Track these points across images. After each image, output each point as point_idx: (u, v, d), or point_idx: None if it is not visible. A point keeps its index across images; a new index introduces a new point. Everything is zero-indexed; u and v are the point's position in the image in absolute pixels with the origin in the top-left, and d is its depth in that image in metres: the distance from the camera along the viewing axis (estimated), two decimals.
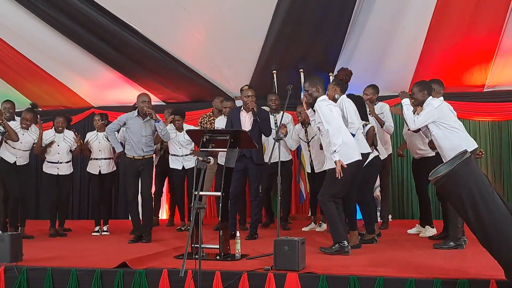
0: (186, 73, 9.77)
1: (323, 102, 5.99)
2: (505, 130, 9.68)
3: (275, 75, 9.63)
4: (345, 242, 5.86)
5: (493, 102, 9.56)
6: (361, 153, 6.21)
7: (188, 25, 8.75)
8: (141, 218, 7.49)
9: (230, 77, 9.89)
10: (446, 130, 6.07)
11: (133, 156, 7.34)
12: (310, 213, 8.72)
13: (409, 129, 6.81)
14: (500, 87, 9.49)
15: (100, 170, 8.42)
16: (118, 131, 7.70)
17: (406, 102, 6.29)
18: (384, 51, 9.07)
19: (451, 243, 6.14)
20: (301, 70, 9.56)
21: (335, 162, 5.76)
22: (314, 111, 6.16)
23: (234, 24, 8.62)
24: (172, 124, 8.62)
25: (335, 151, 5.73)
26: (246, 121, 7.33)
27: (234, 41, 8.97)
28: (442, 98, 6.50)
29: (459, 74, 9.37)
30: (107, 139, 8.18)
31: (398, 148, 8.66)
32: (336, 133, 5.79)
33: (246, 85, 7.60)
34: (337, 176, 5.74)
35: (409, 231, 7.77)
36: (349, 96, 6.69)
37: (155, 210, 9.42)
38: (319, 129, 6.09)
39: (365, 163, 6.46)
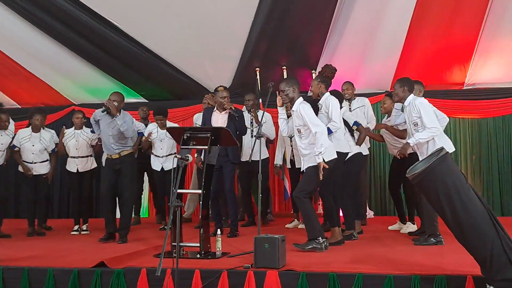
0: (168, 70, 9.72)
1: (304, 105, 6.01)
2: (484, 127, 9.73)
3: (258, 72, 9.63)
4: (320, 239, 5.87)
5: (472, 100, 9.61)
6: (341, 152, 6.29)
7: (170, 22, 8.70)
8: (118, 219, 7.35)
9: (213, 74, 9.84)
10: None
11: (110, 155, 7.20)
12: (293, 210, 8.73)
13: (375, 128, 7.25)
14: (479, 85, 9.57)
15: (77, 169, 8.31)
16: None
17: (413, 141, 6.19)
18: (366, 49, 9.10)
19: (432, 239, 6.19)
20: (284, 67, 9.57)
21: (318, 163, 5.79)
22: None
23: (217, 21, 8.59)
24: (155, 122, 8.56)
25: (320, 152, 5.76)
26: (219, 121, 7.28)
27: (217, 38, 8.95)
28: (423, 98, 6.54)
29: (439, 72, 9.44)
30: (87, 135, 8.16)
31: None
32: (323, 135, 5.83)
33: (221, 86, 7.57)
34: (320, 177, 5.80)
35: (390, 227, 7.82)
36: (331, 92, 6.73)
37: (136, 208, 9.37)
38: (299, 131, 6.10)
39: (346, 159, 6.51)
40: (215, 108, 7.42)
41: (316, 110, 6.50)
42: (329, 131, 6.24)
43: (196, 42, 9.08)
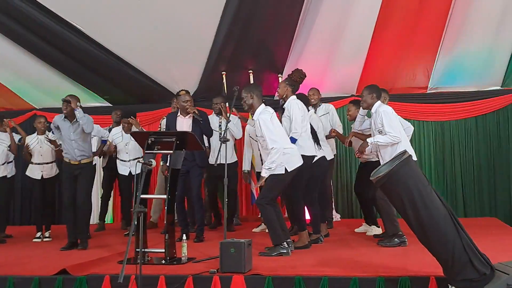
0: (133, 74, 9.61)
1: (264, 116, 5.99)
2: (448, 130, 9.86)
3: (224, 76, 9.61)
4: (285, 244, 5.88)
5: (436, 104, 9.77)
6: (306, 156, 6.33)
7: (135, 25, 8.61)
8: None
9: (179, 78, 9.78)
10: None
11: (69, 160, 7.04)
12: (260, 214, 8.71)
13: (350, 135, 7.22)
14: (442, 88, 9.71)
15: (42, 175, 8.19)
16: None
17: (371, 140, 6.34)
18: (332, 53, 9.16)
19: (396, 239, 6.29)
20: (251, 71, 9.57)
21: (262, 176, 5.93)
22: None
23: (183, 25, 8.54)
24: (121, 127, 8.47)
25: (270, 168, 5.85)
26: (183, 126, 7.23)
27: (182, 42, 8.89)
28: (388, 106, 6.62)
29: (403, 76, 9.58)
30: (49, 141, 7.99)
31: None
32: (278, 153, 5.84)
33: (183, 90, 7.53)
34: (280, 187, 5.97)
35: (357, 230, 7.86)
36: (298, 96, 6.81)
37: (102, 214, 9.26)
38: (259, 141, 6.12)
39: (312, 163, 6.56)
40: (179, 113, 7.37)
41: (281, 111, 6.59)
42: (293, 140, 6.30)
43: (162, 46, 9.01)
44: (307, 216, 6.92)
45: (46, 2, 8.22)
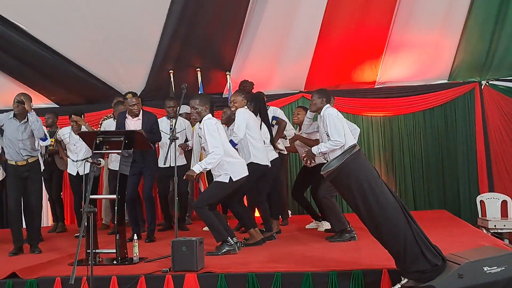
0: (80, 74, 9.46)
1: (209, 121, 5.98)
2: (396, 125, 10.00)
3: (172, 75, 9.54)
4: (230, 240, 5.89)
5: (384, 98, 9.89)
6: (258, 164, 6.49)
7: (79, 24, 8.48)
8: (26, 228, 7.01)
9: (126, 77, 9.69)
10: None
11: (16, 162, 6.75)
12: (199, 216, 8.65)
13: (291, 139, 7.50)
14: (390, 83, 9.84)
15: None
16: None
17: (316, 150, 6.42)
18: (279, 50, 9.19)
19: (346, 234, 6.35)
20: (198, 69, 9.53)
21: (192, 171, 5.94)
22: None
23: (128, 24, 8.46)
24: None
25: (205, 168, 5.90)
26: (132, 127, 7.15)
27: (129, 41, 8.80)
28: (333, 109, 6.66)
29: (351, 71, 9.67)
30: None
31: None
32: (215, 159, 5.84)
33: (130, 92, 7.50)
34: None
35: (307, 226, 7.91)
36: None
37: (61, 215, 9.16)
38: (203, 148, 6.13)
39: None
40: (127, 114, 7.28)
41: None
42: (233, 144, 6.36)
43: (107, 46, 8.89)
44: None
45: None
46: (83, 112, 8.56)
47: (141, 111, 7.31)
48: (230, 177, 5.93)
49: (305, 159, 6.69)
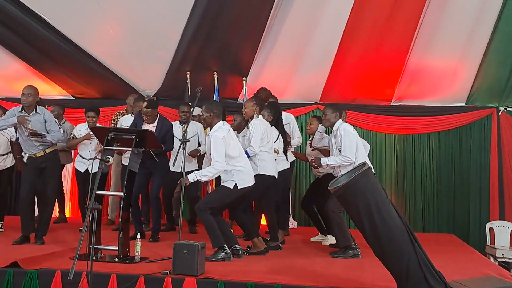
0: (97, 69, 9.46)
1: (219, 133, 5.99)
2: (409, 144, 9.89)
3: (188, 76, 9.53)
4: (226, 247, 5.88)
5: (399, 116, 9.80)
6: (266, 175, 6.53)
7: (101, 19, 8.50)
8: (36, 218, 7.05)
9: (143, 75, 9.71)
10: None
11: (34, 154, 6.78)
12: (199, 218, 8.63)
13: (312, 149, 7.35)
14: (406, 101, 9.75)
15: None
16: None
17: (324, 161, 6.43)
18: (298, 59, 9.15)
19: (349, 251, 6.30)
20: (215, 72, 9.52)
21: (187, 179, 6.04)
22: None
23: (149, 22, 8.46)
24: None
25: (205, 176, 6.02)
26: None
27: (148, 40, 8.81)
28: (348, 125, 6.65)
29: (368, 87, 9.58)
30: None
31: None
32: (217, 170, 5.93)
33: (145, 100, 7.56)
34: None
35: (312, 239, 7.86)
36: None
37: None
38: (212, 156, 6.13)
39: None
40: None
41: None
42: (247, 155, 6.38)
43: (127, 43, 8.92)
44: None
45: None
46: (99, 109, 8.50)
47: (157, 116, 7.33)
48: (236, 184, 5.94)
49: (313, 163, 6.68)
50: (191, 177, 5.95)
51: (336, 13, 8.32)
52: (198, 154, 8.06)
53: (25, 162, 7.06)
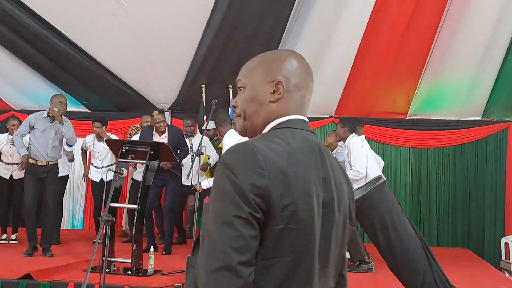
0: (113, 81, 9.49)
1: (229, 139, 6.03)
2: (425, 158, 9.83)
3: (203, 89, 9.55)
4: None
5: (414, 130, 9.75)
6: None
7: (117, 32, 8.52)
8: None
9: (158, 88, 9.72)
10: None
11: (36, 161, 6.84)
12: None
13: None
14: (422, 115, 9.70)
15: (12, 175, 8.04)
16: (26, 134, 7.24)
17: None
18: (313, 74, 9.10)
19: (363, 265, 6.25)
20: (230, 86, 9.52)
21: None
22: None
23: (165, 35, 8.47)
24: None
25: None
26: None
27: (163, 53, 8.81)
28: (363, 136, 6.63)
29: (383, 100, 9.54)
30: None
31: None
32: None
33: (156, 110, 7.63)
34: None
35: None
36: None
37: None
38: None
39: None
40: (154, 131, 7.33)
41: None
42: None
43: (143, 55, 8.92)
44: None
45: (31, 4, 8.10)
46: (107, 120, 8.56)
47: (166, 126, 7.37)
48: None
49: None
50: (204, 184, 6.08)
51: (352, 28, 8.30)
52: (208, 167, 8.07)
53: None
